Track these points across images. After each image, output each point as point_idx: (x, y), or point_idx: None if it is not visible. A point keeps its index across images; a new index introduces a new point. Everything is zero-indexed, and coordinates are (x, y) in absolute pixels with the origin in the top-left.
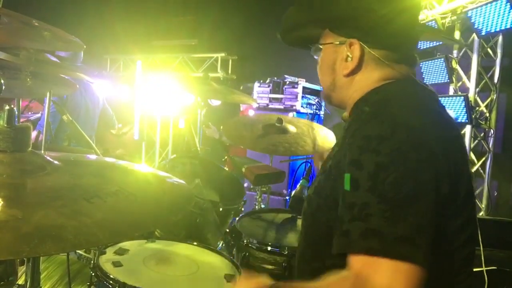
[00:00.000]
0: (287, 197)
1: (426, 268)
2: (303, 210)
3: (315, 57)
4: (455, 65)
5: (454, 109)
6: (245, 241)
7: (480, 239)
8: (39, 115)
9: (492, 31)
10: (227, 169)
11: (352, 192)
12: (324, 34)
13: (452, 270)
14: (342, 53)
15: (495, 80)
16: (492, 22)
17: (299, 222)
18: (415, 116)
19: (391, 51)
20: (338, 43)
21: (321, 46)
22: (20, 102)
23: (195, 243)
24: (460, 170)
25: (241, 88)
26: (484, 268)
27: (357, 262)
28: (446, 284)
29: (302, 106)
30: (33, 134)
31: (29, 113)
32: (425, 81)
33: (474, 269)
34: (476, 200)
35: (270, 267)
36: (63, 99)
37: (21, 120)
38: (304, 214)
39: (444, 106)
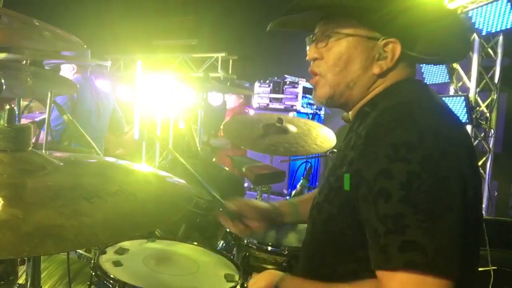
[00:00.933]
0: (287, 197)
1: (457, 279)
2: (312, 218)
3: (321, 43)
4: (455, 65)
5: (455, 109)
6: (245, 241)
7: (486, 239)
8: (45, 116)
9: (493, 31)
10: (227, 169)
11: (384, 203)
12: (346, 23)
13: (466, 271)
14: (374, 50)
15: (496, 80)
16: (493, 22)
17: None
18: (439, 120)
19: (416, 52)
20: (369, 37)
21: (336, 35)
22: (21, 102)
23: (195, 243)
24: (478, 170)
25: (228, 84)
26: (490, 268)
27: (394, 278)
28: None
29: (302, 106)
30: (41, 134)
31: (37, 112)
32: (425, 81)
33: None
34: None
35: (270, 267)
36: (73, 100)
37: (27, 121)
38: (314, 222)
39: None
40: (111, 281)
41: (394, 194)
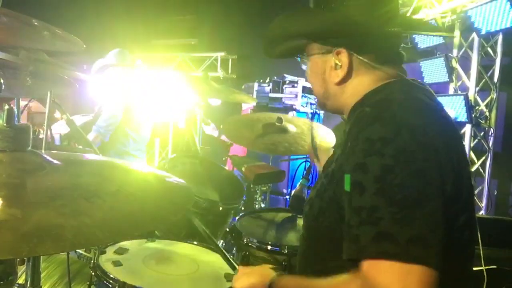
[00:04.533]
0: (287, 196)
1: (439, 269)
2: (305, 213)
3: (303, 67)
4: (455, 64)
5: (454, 108)
6: (245, 240)
7: (479, 238)
8: (89, 117)
9: (492, 30)
10: (227, 168)
11: (359, 196)
12: (310, 45)
13: (455, 269)
14: (330, 62)
15: (495, 79)
16: (492, 22)
17: (299, 221)
18: (416, 115)
19: (378, 53)
20: (324, 52)
21: (307, 57)
22: (20, 101)
23: (195, 243)
24: (462, 166)
25: (243, 87)
26: (483, 267)
27: (369, 266)
28: (450, 284)
29: (302, 105)
30: (91, 136)
31: (79, 115)
32: (425, 80)
33: (474, 268)
34: (476, 199)
35: (270, 266)
36: (126, 105)
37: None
38: (306, 217)
39: (439, 102)
40: (111, 281)
41: (369, 187)
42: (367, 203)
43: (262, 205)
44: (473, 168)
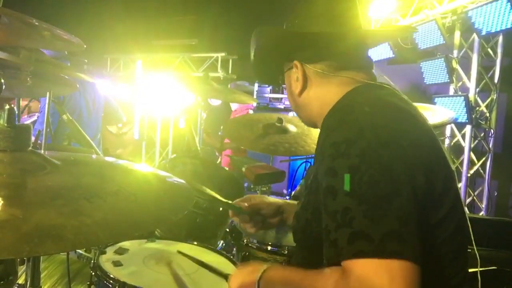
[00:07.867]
0: (287, 197)
1: (419, 261)
2: (293, 227)
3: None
4: (455, 65)
5: (454, 109)
6: (245, 240)
7: (472, 238)
8: (35, 117)
9: (493, 31)
10: (227, 169)
11: (332, 200)
12: (284, 64)
13: (441, 264)
14: (293, 76)
15: (496, 80)
16: (493, 22)
17: None
18: (379, 116)
19: (334, 61)
20: (289, 68)
21: (281, 80)
22: (20, 102)
23: (195, 243)
24: (434, 161)
25: (229, 86)
26: (479, 269)
27: (350, 267)
28: (437, 280)
29: None
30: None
31: (25, 116)
32: (425, 81)
33: (471, 270)
34: (476, 200)
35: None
36: (59, 100)
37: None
38: (294, 231)
39: (411, 104)
40: (111, 281)
41: (339, 190)
42: (340, 206)
43: None
44: (473, 169)
